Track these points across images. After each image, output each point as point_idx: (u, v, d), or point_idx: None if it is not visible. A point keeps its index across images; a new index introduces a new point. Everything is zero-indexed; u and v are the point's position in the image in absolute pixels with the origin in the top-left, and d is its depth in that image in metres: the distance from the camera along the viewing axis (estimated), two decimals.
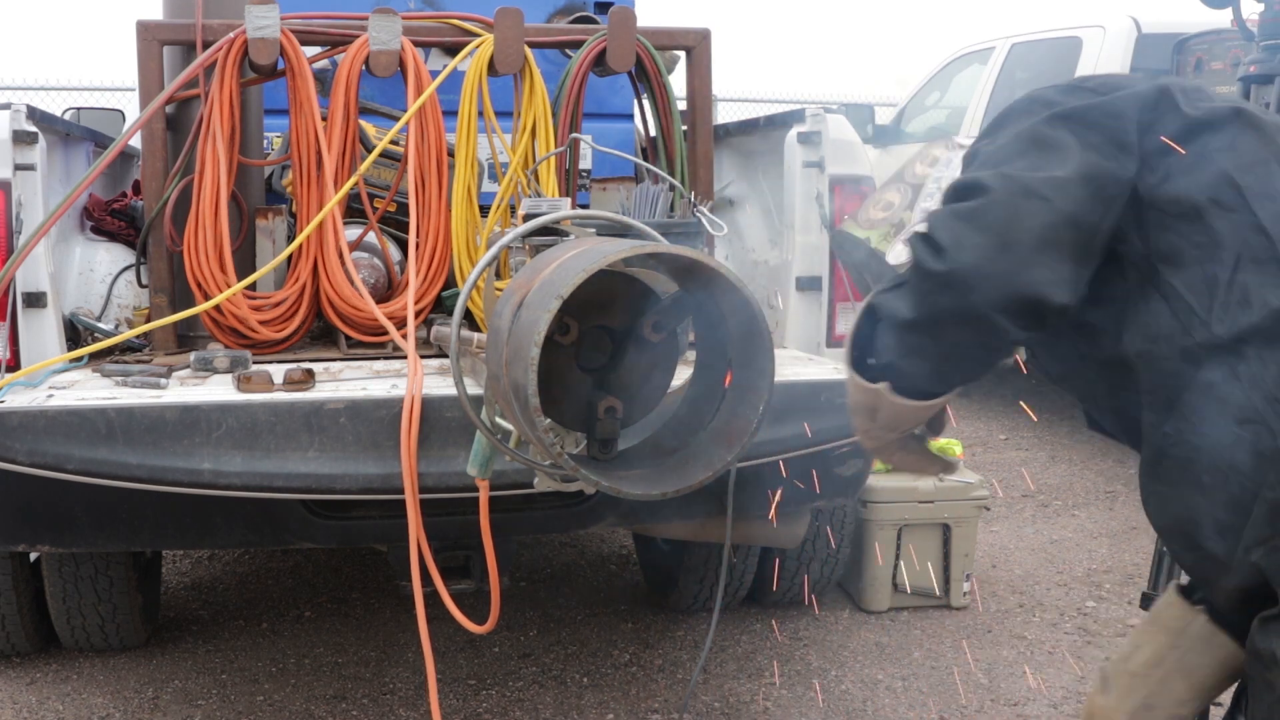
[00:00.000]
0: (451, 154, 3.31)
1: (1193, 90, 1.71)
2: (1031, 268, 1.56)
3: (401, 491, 2.40)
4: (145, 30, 3.24)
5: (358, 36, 3.24)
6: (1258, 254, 1.57)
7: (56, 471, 2.30)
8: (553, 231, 2.18)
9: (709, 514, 2.84)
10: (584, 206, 3.73)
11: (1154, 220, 1.64)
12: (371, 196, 3.39)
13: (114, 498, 2.51)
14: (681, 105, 3.65)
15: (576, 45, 3.46)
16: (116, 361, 2.94)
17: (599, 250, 1.56)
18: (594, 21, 3.97)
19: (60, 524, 2.60)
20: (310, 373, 2.60)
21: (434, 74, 3.30)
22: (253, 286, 3.13)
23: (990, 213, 1.57)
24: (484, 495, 2.18)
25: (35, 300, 2.93)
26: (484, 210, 3.36)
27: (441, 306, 3.36)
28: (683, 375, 1.81)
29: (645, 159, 3.66)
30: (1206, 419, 1.57)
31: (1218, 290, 1.59)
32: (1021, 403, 7.18)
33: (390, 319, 2.99)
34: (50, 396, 2.46)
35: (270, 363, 2.99)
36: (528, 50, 3.32)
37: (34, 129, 2.99)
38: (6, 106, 2.98)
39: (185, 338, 3.26)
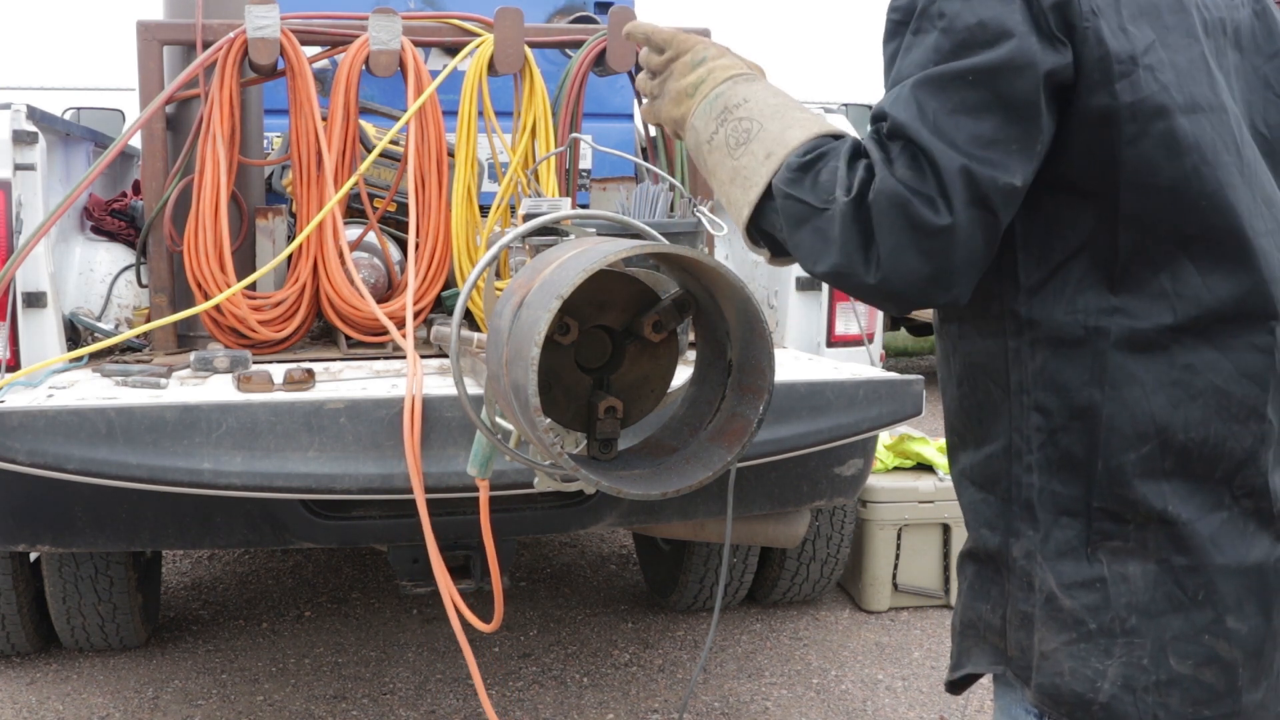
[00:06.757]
0: (451, 154, 3.31)
1: None
2: None
3: (401, 491, 2.40)
4: (145, 30, 3.24)
5: (358, 36, 3.24)
6: None
7: (56, 471, 2.30)
8: (553, 231, 2.18)
9: (709, 514, 2.84)
10: (584, 206, 3.73)
11: None
12: (371, 196, 3.39)
13: (114, 498, 2.51)
14: None
15: (576, 45, 3.46)
16: (116, 361, 2.94)
17: (599, 250, 1.56)
18: (594, 21, 3.98)
19: (60, 524, 2.60)
20: (310, 373, 2.60)
21: (434, 74, 3.30)
22: (253, 286, 3.13)
23: None
24: (484, 495, 2.17)
25: (35, 300, 2.93)
26: (484, 210, 3.36)
27: (441, 306, 3.36)
28: (683, 375, 1.80)
29: (645, 159, 3.66)
30: None
31: None
32: None
33: (390, 319, 2.99)
34: (50, 396, 2.46)
35: (270, 363, 2.99)
36: (528, 50, 3.32)
37: (34, 129, 2.99)
38: (6, 106, 2.98)
39: (185, 338, 3.26)
